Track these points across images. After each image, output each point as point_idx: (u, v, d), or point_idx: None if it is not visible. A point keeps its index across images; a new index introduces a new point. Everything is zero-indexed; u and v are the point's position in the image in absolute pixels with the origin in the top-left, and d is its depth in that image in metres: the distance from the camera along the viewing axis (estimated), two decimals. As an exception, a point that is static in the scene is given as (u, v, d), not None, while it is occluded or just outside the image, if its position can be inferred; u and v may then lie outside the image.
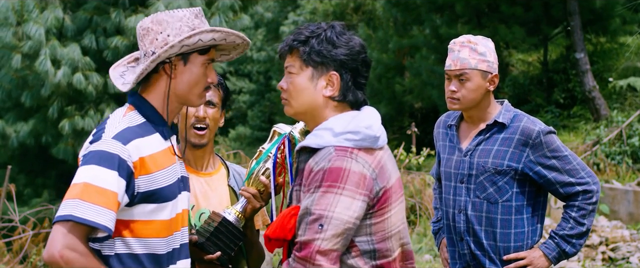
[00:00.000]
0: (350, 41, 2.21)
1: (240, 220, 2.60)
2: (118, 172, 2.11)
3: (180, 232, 2.32)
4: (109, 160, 2.11)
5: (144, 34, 2.24)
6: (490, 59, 3.03)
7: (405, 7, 15.69)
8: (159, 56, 2.18)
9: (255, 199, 2.58)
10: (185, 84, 2.26)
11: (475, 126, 3.12)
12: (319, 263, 2.05)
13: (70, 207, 2.07)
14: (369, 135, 2.16)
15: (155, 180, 2.19)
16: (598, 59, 14.94)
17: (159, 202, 2.21)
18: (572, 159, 3.02)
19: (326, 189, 2.07)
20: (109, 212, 2.09)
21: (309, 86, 2.21)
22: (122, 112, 2.27)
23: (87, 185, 2.08)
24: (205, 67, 2.29)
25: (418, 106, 17.62)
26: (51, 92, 10.76)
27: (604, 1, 13.82)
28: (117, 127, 2.19)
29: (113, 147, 2.13)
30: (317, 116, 2.23)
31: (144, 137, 2.21)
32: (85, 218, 2.06)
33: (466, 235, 3.09)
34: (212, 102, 2.71)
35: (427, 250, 7.77)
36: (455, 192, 3.12)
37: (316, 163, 2.12)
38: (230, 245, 2.57)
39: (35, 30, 10.28)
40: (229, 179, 2.83)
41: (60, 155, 10.99)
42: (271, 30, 24.64)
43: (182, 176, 2.35)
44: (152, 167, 2.19)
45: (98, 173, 2.09)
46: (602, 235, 7.61)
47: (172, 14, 2.22)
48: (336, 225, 2.06)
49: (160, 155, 2.24)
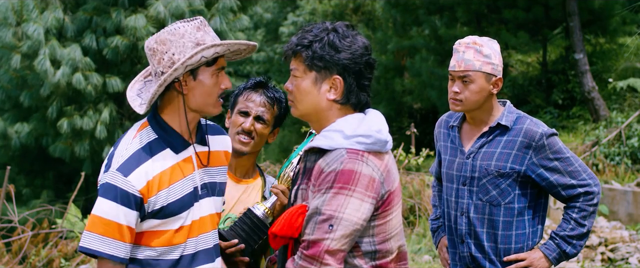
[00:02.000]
0: (353, 44, 2.22)
1: (267, 216, 2.63)
2: (121, 203, 2.25)
3: (197, 239, 2.38)
4: (110, 191, 2.25)
5: (151, 54, 2.30)
6: (495, 62, 3.00)
7: (404, 8, 15.71)
8: (164, 80, 2.25)
9: (284, 196, 2.61)
10: (199, 97, 2.32)
11: (477, 128, 3.11)
12: (327, 262, 2.09)
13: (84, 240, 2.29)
14: (379, 139, 2.19)
15: (160, 197, 2.28)
16: (597, 59, 14.95)
17: (166, 217, 2.30)
18: (574, 161, 3.01)
19: (337, 190, 2.11)
20: (117, 242, 2.26)
21: (312, 90, 2.23)
22: (135, 130, 2.36)
23: (94, 216, 2.27)
24: (216, 76, 2.33)
25: (417, 107, 17.64)
26: (50, 92, 10.77)
27: (603, 2, 13.83)
28: (124, 155, 2.29)
29: (114, 179, 2.26)
30: (322, 118, 2.26)
31: (152, 156, 2.30)
32: (92, 249, 2.25)
33: (467, 238, 3.09)
34: (262, 117, 2.76)
35: (426, 250, 7.77)
36: (458, 194, 3.11)
37: (327, 164, 2.14)
38: (254, 238, 2.60)
39: (35, 29, 10.28)
40: (264, 190, 2.87)
41: (57, 153, 10.99)
42: (270, 30, 24.64)
43: (206, 183, 2.41)
44: (159, 187, 2.28)
45: (104, 205, 2.26)
46: (601, 235, 7.61)
47: (174, 32, 2.27)
48: (345, 226, 2.10)
49: (169, 172, 2.31)
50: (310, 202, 2.17)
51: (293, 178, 2.39)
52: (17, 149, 11.38)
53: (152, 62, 2.32)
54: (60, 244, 7.16)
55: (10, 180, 8.82)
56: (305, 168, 2.27)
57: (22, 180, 11.79)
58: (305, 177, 2.25)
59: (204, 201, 2.40)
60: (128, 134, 2.37)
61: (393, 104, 17.13)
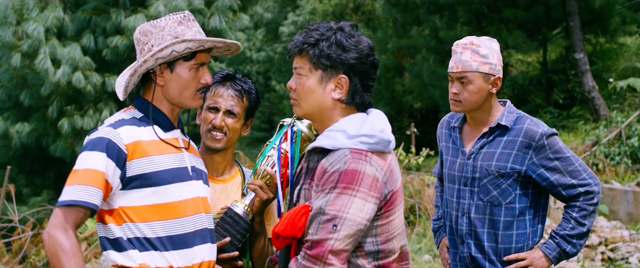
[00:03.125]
0: (359, 44, 2.22)
1: (248, 213, 2.60)
2: (106, 153, 2.24)
3: (191, 218, 2.37)
4: (98, 144, 2.26)
5: (136, 44, 2.38)
6: (493, 61, 3.00)
7: (404, 7, 15.70)
8: (135, 70, 2.32)
9: (262, 191, 2.58)
10: (175, 89, 2.38)
11: (478, 128, 3.12)
12: (331, 262, 2.09)
13: (62, 195, 2.24)
14: (383, 139, 2.19)
15: (151, 162, 2.30)
16: (597, 59, 14.95)
17: (157, 185, 2.30)
18: (574, 161, 3.02)
19: (341, 190, 2.11)
20: (94, 189, 2.22)
21: (317, 89, 2.23)
22: (122, 110, 2.43)
23: (75, 171, 2.25)
24: (196, 70, 2.37)
25: (417, 106, 17.64)
26: (51, 92, 10.75)
27: (603, 1, 13.83)
28: (113, 119, 2.35)
29: (104, 132, 2.28)
30: (325, 118, 2.25)
31: (140, 126, 2.34)
32: (70, 199, 2.20)
33: (468, 238, 3.09)
34: (232, 111, 2.68)
35: (426, 250, 7.77)
36: (459, 194, 3.11)
37: (330, 164, 2.14)
38: (237, 237, 2.59)
39: (35, 28, 10.27)
40: (243, 187, 2.81)
41: (58, 153, 10.97)
42: (270, 30, 24.64)
43: (195, 166, 2.44)
44: (149, 151, 2.31)
45: (87, 157, 2.25)
46: (601, 235, 7.61)
47: (155, 24, 2.34)
48: (349, 226, 2.10)
49: (159, 143, 2.35)
50: (314, 202, 2.16)
51: (296, 178, 2.37)
52: (18, 149, 11.37)
53: (137, 52, 2.39)
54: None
55: (11, 180, 8.82)
56: (308, 168, 2.27)
57: (22, 180, 11.78)
58: (308, 176, 2.24)
59: (196, 183, 2.42)
60: (115, 114, 2.42)
61: (393, 104, 17.13)
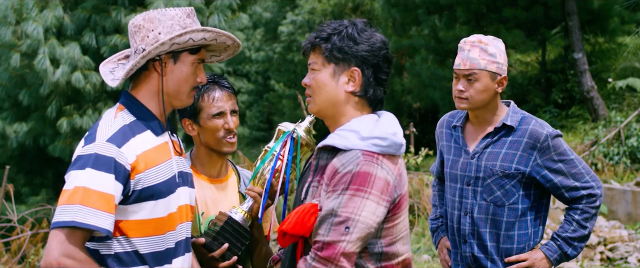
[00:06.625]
0: (371, 37, 2.23)
1: (247, 220, 2.60)
2: (115, 175, 2.12)
3: (176, 230, 2.31)
4: (105, 164, 2.12)
5: (136, 31, 2.27)
6: (500, 61, 3.00)
7: (404, 7, 15.68)
8: (149, 52, 2.21)
9: (261, 198, 2.58)
10: (175, 82, 2.29)
11: (481, 127, 3.11)
12: (342, 264, 2.09)
13: (73, 213, 2.08)
14: (395, 142, 2.19)
15: (148, 177, 2.21)
16: (596, 59, 14.95)
17: (153, 199, 2.22)
18: (578, 163, 3.02)
19: (354, 192, 2.10)
20: (109, 216, 2.11)
21: (330, 82, 2.23)
22: (112, 113, 2.29)
23: (86, 189, 2.09)
24: (195, 66, 2.32)
25: (416, 106, 17.64)
26: (50, 91, 10.74)
27: (602, 1, 13.83)
28: (110, 129, 2.20)
29: (108, 150, 2.14)
30: (338, 113, 2.25)
31: (136, 135, 2.23)
32: (88, 223, 2.07)
33: (470, 238, 3.09)
34: (234, 110, 2.73)
35: (425, 250, 7.77)
36: (461, 194, 3.11)
37: (342, 165, 2.13)
38: (237, 245, 2.58)
39: (34, 28, 10.25)
40: (239, 185, 2.83)
41: (57, 153, 10.96)
42: (269, 30, 24.61)
43: (181, 171, 2.36)
44: (146, 165, 2.21)
45: (95, 177, 2.10)
46: (600, 235, 7.61)
47: (164, 12, 2.26)
48: (361, 228, 2.10)
49: (153, 152, 2.25)
50: (323, 202, 2.15)
51: (302, 174, 2.37)
52: (16, 148, 11.35)
53: (134, 40, 2.27)
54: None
55: (9, 180, 8.81)
56: (317, 165, 2.26)
57: (21, 180, 11.77)
58: (317, 174, 2.24)
59: (181, 190, 2.34)
60: (106, 115, 2.28)
61: (392, 104, 17.12)
